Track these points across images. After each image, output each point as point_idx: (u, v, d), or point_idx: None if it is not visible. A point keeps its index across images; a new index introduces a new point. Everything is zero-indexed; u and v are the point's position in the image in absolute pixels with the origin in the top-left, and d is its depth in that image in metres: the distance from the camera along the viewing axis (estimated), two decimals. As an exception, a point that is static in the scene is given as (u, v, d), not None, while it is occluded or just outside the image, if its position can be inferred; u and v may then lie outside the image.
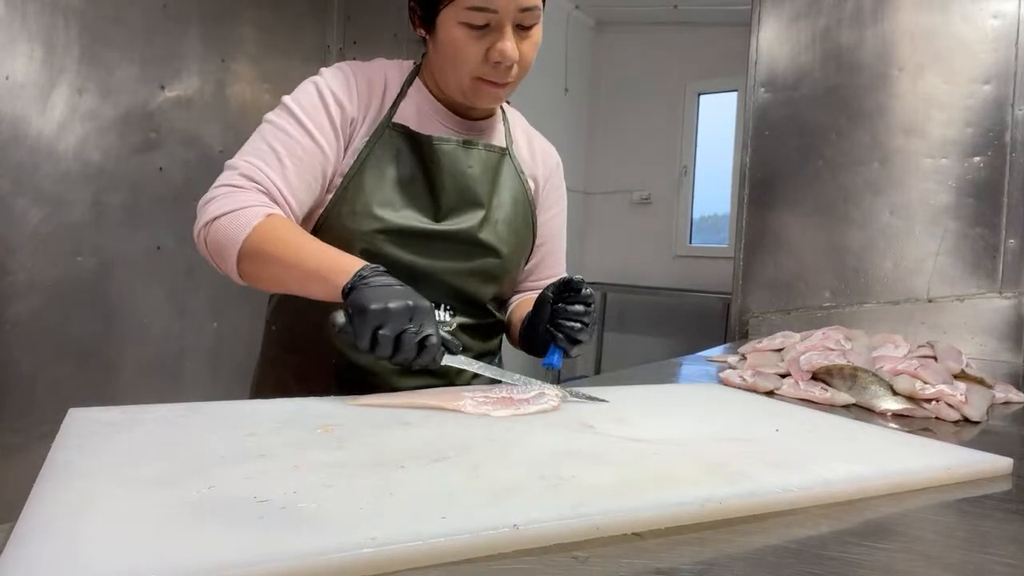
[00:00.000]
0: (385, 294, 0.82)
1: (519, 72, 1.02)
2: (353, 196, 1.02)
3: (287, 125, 0.98)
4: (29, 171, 2.00)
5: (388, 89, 1.07)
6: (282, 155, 0.96)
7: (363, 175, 1.03)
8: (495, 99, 1.05)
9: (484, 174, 1.11)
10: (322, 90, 1.01)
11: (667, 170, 4.77)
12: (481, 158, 1.11)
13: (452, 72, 1.01)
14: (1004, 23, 1.86)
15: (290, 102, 1.00)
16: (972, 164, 1.88)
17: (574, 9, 4.73)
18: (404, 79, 1.09)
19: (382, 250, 1.02)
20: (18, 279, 1.99)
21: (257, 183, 0.95)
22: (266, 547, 0.45)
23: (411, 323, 0.81)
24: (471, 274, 1.10)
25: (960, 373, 1.21)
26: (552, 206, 1.24)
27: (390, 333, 0.79)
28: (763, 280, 2.18)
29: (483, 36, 0.96)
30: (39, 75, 1.99)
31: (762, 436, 0.82)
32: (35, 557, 0.43)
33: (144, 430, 0.69)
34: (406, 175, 1.06)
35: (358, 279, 0.84)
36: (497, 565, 0.48)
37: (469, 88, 1.02)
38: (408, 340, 0.80)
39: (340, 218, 1.02)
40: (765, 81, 2.19)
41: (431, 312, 0.84)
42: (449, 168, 1.07)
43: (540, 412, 0.85)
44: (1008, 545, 0.58)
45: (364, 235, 1.02)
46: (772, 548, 0.54)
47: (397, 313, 0.80)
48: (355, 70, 1.05)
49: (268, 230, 0.91)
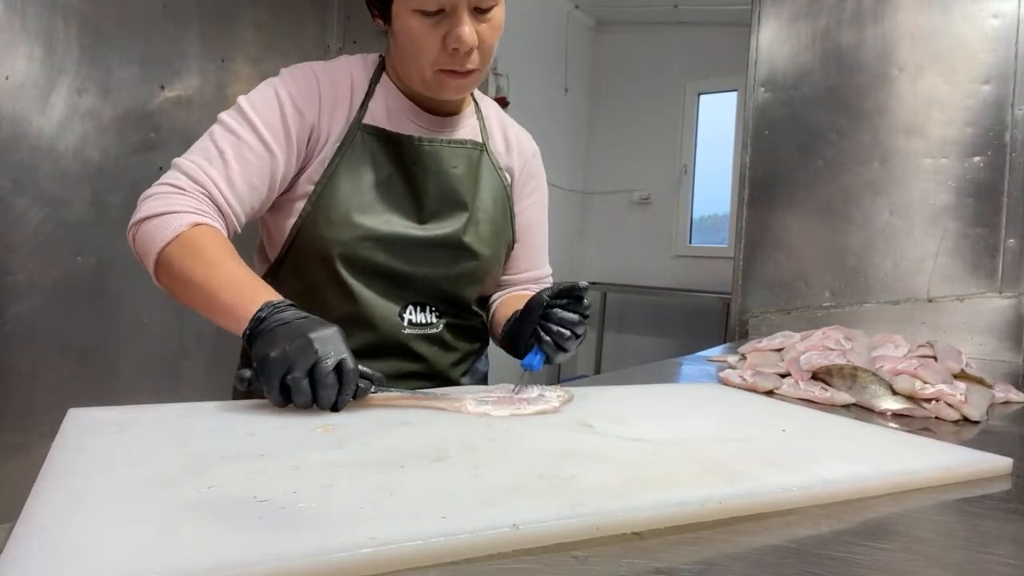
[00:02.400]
0: (283, 334, 0.76)
1: (482, 59, 0.98)
2: (328, 204, 0.99)
3: (237, 126, 0.96)
4: (29, 171, 2.00)
5: (355, 89, 1.03)
6: (228, 156, 0.94)
7: (337, 181, 1.00)
8: (460, 90, 1.01)
9: (468, 174, 1.09)
10: (279, 93, 0.98)
11: (667, 170, 4.77)
12: (466, 157, 1.09)
13: (413, 64, 0.98)
14: (1004, 23, 1.86)
15: (244, 103, 0.97)
16: (972, 164, 1.88)
17: (574, 9, 4.73)
18: (371, 76, 1.06)
19: (364, 257, 1.01)
20: (18, 279, 1.99)
21: (198, 184, 0.92)
22: (266, 547, 0.45)
23: (318, 355, 0.75)
24: (456, 277, 1.08)
25: (960, 373, 1.21)
26: (527, 196, 1.20)
27: (300, 375, 0.74)
28: (763, 280, 2.18)
29: (439, 23, 0.93)
30: (39, 75, 1.99)
31: (762, 436, 0.82)
32: (35, 557, 0.43)
33: (144, 430, 0.69)
34: (384, 178, 1.03)
35: (256, 323, 0.79)
36: (497, 565, 0.48)
37: (432, 81, 0.98)
38: (322, 374, 0.74)
39: (316, 227, 0.99)
40: (765, 81, 2.19)
41: (337, 337, 0.78)
42: (433, 169, 1.05)
43: (540, 413, 0.85)
44: (1008, 545, 0.58)
45: (344, 243, 0.99)
46: (772, 548, 0.54)
47: (299, 351, 0.74)
48: (320, 73, 1.02)
49: (188, 244, 0.87)
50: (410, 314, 1.05)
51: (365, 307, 1.02)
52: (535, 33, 4.43)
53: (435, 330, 1.08)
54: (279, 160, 0.97)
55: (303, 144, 0.99)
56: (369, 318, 1.02)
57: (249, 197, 0.96)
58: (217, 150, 0.94)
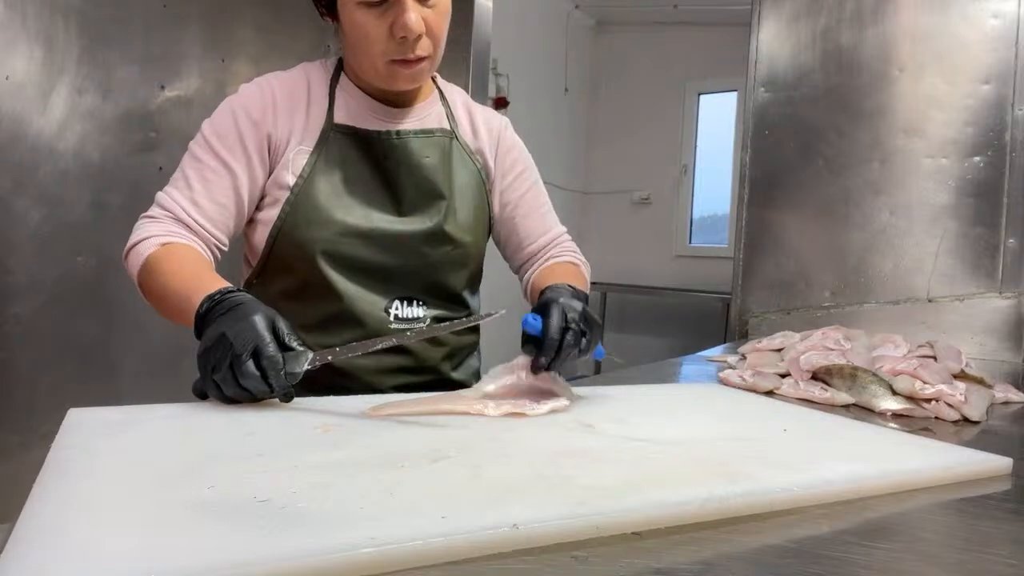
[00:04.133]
0: (209, 334, 0.79)
1: (432, 46, 1.00)
2: (306, 204, 1.02)
3: (198, 150, 1.02)
4: (29, 171, 2.00)
5: (313, 92, 1.06)
6: (192, 179, 1.00)
7: (314, 182, 1.02)
8: (412, 79, 1.02)
9: (440, 162, 1.09)
10: (235, 111, 1.02)
11: (667, 170, 4.77)
12: (436, 145, 1.09)
13: (365, 57, 1.00)
14: (1004, 23, 1.86)
15: (205, 126, 1.03)
16: (972, 164, 1.88)
17: (574, 9, 4.73)
18: (330, 78, 1.08)
19: (347, 253, 1.02)
20: (18, 279, 1.99)
21: (167, 210, 1.00)
22: (266, 547, 0.45)
23: (234, 350, 0.75)
24: (440, 266, 1.09)
25: (960, 373, 1.21)
26: (511, 169, 1.20)
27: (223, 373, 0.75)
28: (763, 280, 2.18)
29: (384, 13, 0.95)
30: (39, 75, 1.99)
31: (762, 436, 0.82)
32: (35, 557, 0.43)
33: (144, 430, 0.69)
34: (359, 175, 1.05)
35: (198, 323, 0.83)
36: (497, 565, 0.48)
37: (384, 71, 1.00)
38: (240, 368, 0.75)
39: (296, 229, 1.01)
40: (765, 81, 2.19)
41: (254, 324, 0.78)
42: (404, 161, 1.06)
43: (552, 412, 0.85)
44: (1008, 545, 0.58)
45: (325, 241, 1.01)
46: (772, 548, 0.54)
47: (218, 349, 0.76)
48: (274, 82, 1.05)
49: (154, 264, 0.94)
50: (396, 309, 1.06)
51: (350, 304, 1.03)
52: (535, 33, 4.43)
53: (422, 324, 1.08)
54: (239, 175, 1.01)
55: (263, 153, 1.03)
56: (354, 314, 1.03)
57: (218, 215, 1.01)
58: (183, 176, 1.01)
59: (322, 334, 1.03)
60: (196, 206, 1.00)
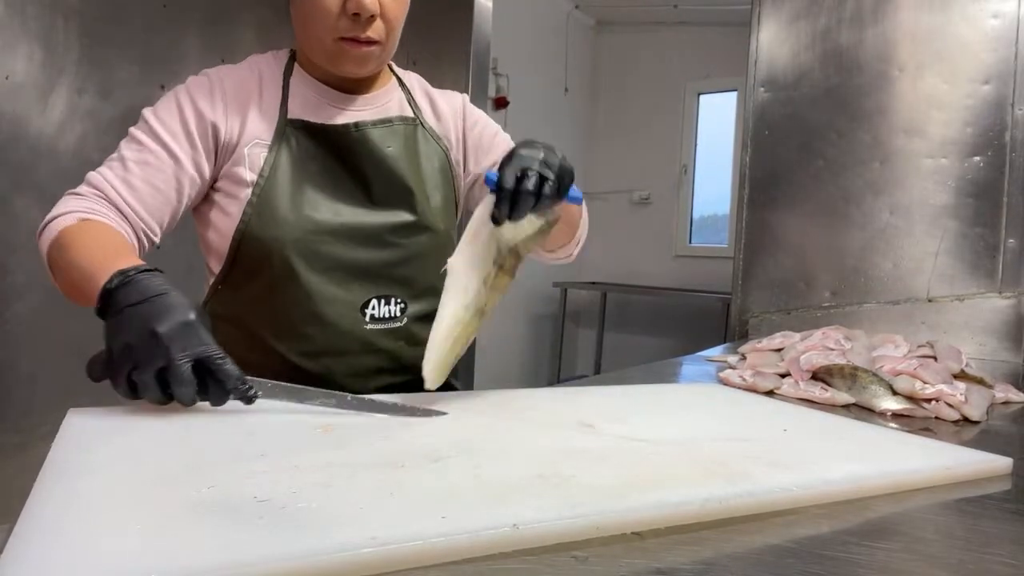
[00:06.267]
0: (129, 319, 0.69)
1: (386, 32, 0.98)
2: (271, 203, 0.98)
3: (139, 134, 0.97)
4: (29, 171, 2.00)
5: (265, 84, 1.03)
6: (128, 161, 0.95)
7: (276, 180, 0.98)
8: (362, 61, 0.99)
9: (404, 151, 1.06)
10: (180, 97, 0.99)
11: (667, 170, 4.77)
12: (397, 134, 1.06)
13: (312, 33, 0.97)
14: (1004, 23, 1.86)
15: (147, 112, 0.99)
16: (972, 164, 1.88)
17: (574, 9, 4.73)
18: (283, 69, 1.05)
19: (321, 251, 0.99)
20: (18, 279, 1.99)
21: (96, 188, 0.94)
22: (266, 547, 0.45)
23: (170, 354, 0.68)
24: (417, 257, 1.05)
25: (960, 373, 1.21)
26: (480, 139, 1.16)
27: (147, 376, 0.68)
28: (763, 280, 2.18)
29: None
30: (39, 75, 1.99)
31: (762, 436, 0.82)
32: (35, 557, 0.43)
33: (144, 430, 0.69)
34: (323, 170, 1.01)
35: (103, 299, 0.73)
36: (497, 565, 0.48)
37: (333, 50, 0.97)
38: (176, 374, 0.68)
39: (264, 228, 0.97)
40: (765, 81, 2.19)
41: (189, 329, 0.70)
42: (366, 153, 1.03)
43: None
44: (1008, 545, 0.58)
45: (297, 240, 0.97)
46: (772, 548, 0.54)
47: (145, 348, 0.68)
48: (224, 74, 1.02)
49: (65, 240, 0.86)
50: (372, 308, 1.03)
51: (321, 305, 0.99)
52: (535, 33, 4.43)
53: (398, 324, 1.05)
54: (183, 162, 0.97)
55: (208, 143, 0.98)
56: (326, 317, 0.99)
57: (153, 200, 0.95)
58: (119, 157, 0.96)
59: (293, 340, 1.00)
60: (129, 187, 0.94)
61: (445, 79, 1.25)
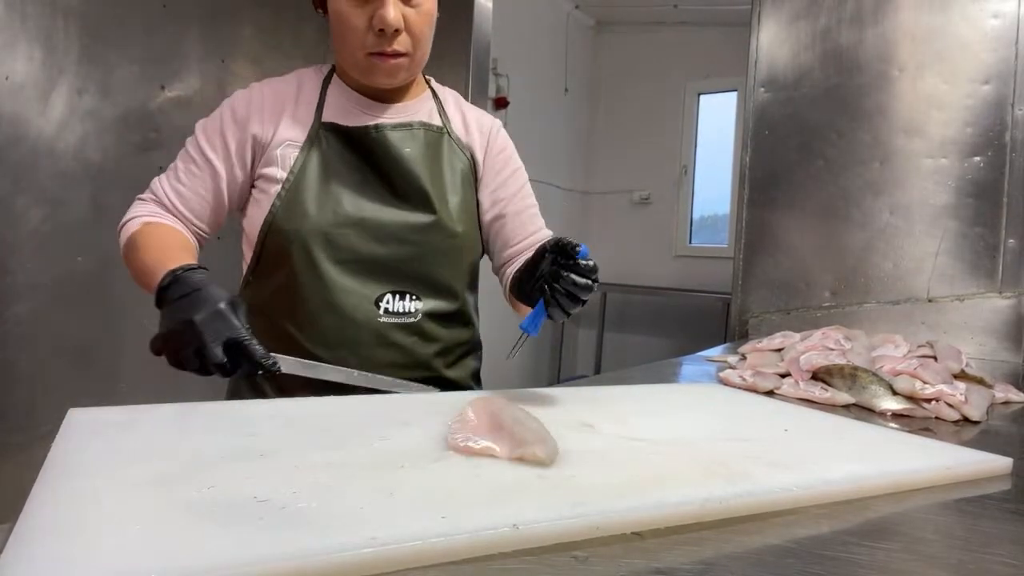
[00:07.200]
0: (173, 311, 0.84)
1: (413, 44, 1.04)
2: (296, 198, 1.05)
3: (189, 146, 1.10)
4: (29, 171, 2.00)
5: (303, 93, 1.11)
6: (180, 171, 1.09)
7: (304, 176, 1.06)
8: (391, 74, 1.06)
9: (424, 155, 1.11)
10: (223, 111, 1.10)
11: (667, 170, 4.77)
12: (416, 138, 1.12)
13: (346, 49, 1.05)
14: (1004, 23, 1.86)
15: (197, 126, 1.11)
16: (972, 164, 1.88)
17: (574, 9, 4.73)
18: (322, 79, 1.13)
19: (342, 244, 1.04)
20: (18, 279, 1.99)
21: (155, 195, 1.09)
22: (266, 547, 0.45)
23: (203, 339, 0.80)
24: (434, 256, 1.10)
25: (960, 373, 1.21)
26: (502, 169, 1.21)
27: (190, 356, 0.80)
28: (763, 280, 2.18)
29: (366, 4, 1.01)
30: (39, 75, 1.99)
31: (762, 436, 0.82)
32: (35, 557, 0.43)
33: (144, 430, 0.69)
34: (349, 169, 1.08)
35: (158, 295, 0.88)
36: (497, 565, 0.48)
37: (364, 65, 1.05)
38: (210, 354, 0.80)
39: (290, 220, 1.04)
40: (765, 81, 2.19)
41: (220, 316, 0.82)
42: (384, 154, 1.09)
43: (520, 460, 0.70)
44: (1008, 545, 0.58)
45: (319, 231, 1.03)
46: (772, 548, 0.54)
47: (184, 333, 0.81)
48: (263, 87, 1.11)
49: (134, 241, 1.02)
50: (387, 303, 1.07)
51: (338, 294, 1.04)
52: (535, 33, 4.43)
53: (413, 319, 1.08)
54: (219, 171, 1.08)
55: (244, 153, 1.09)
56: (341, 306, 1.04)
57: (198, 205, 1.08)
58: (175, 167, 1.11)
59: (311, 329, 1.05)
60: (179, 195, 1.08)
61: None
